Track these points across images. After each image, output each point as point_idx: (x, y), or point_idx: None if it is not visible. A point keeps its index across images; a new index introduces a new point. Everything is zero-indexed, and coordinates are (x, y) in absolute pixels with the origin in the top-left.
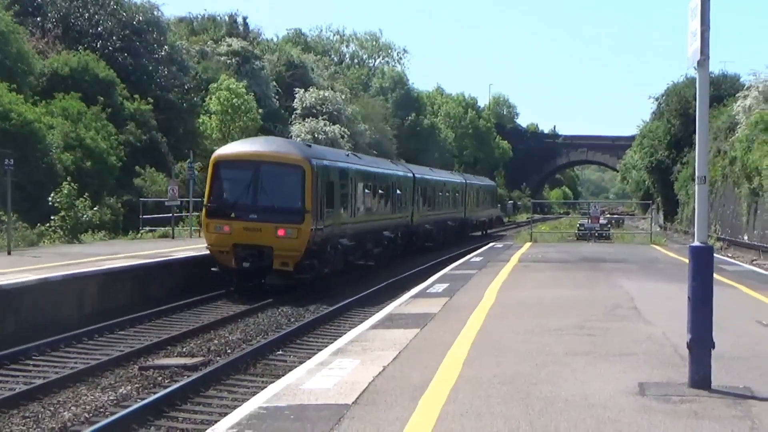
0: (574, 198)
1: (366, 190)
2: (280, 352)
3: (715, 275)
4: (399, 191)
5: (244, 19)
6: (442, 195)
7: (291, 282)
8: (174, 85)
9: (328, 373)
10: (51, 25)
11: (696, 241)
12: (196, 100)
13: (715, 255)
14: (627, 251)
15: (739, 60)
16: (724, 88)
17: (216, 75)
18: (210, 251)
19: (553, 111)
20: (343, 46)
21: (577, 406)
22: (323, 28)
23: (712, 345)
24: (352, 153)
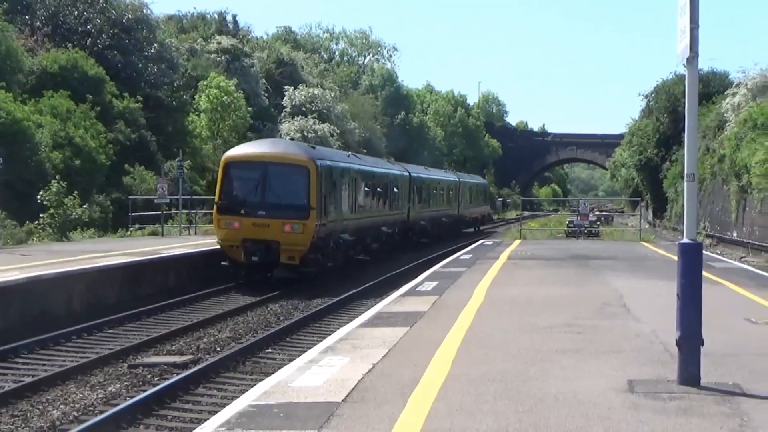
0: (563, 195)
1: (366, 189)
2: (270, 350)
3: (704, 272)
4: (396, 189)
5: (234, 16)
6: (436, 193)
7: (296, 275)
8: (163, 83)
9: (318, 370)
10: (40, 22)
11: (685, 238)
12: (185, 98)
13: (704, 252)
14: (616, 248)
15: (728, 57)
16: (713, 86)
17: (205, 73)
18: (220, 246)
19: (542, 109)
20: (332, 44)
21: (566, 403)
22: (313, 25)
23: (702, 342)
24: (353, 153)
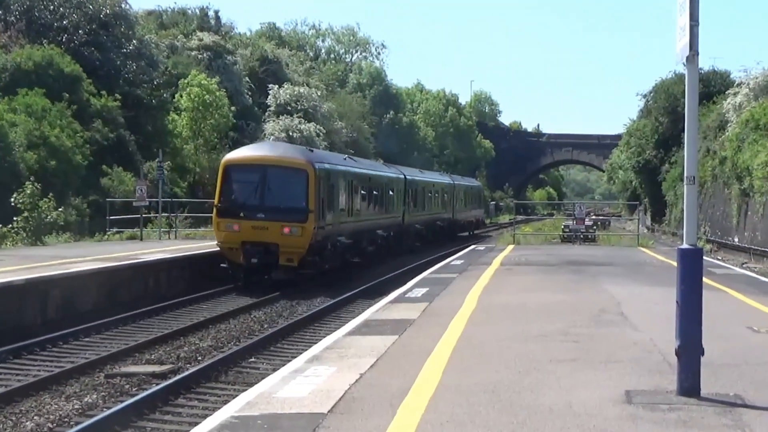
0: (558, 199)
1: (362, 191)
2: (253, 359)
3: (704, 279)
4: (391, 192)
5: (216, 12)
6: (431, 196)
7: (294, 277)
8: (143, 80)
9: (303, 380)
10: (14, 18)
11: (685, 244)
12: (165, 96)
13: (704, 258)
14: (613, 254)
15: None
16: (713, 85)
17: (186, 70)
18: (220, 248)
19: (537, 109)
20: (318, 41)
21: (561, 415)
22: (298, 22)
23: (702, 351)
24: (349, 156)
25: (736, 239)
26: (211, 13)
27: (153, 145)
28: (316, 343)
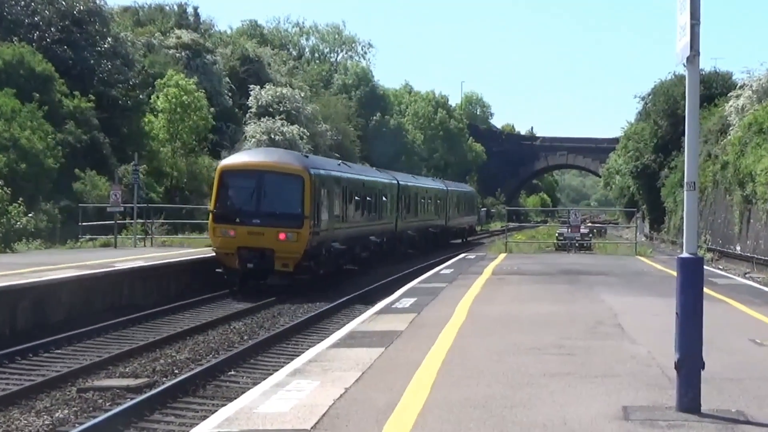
0: (552, 205)
1: (356, 197)
2: (233, 373)
3: (705, 289)
4: (385, 198)
5: (195, 9)
6: (424, 202)
7: (290, 282)
8: (118, 80)
9: (285, 395)
10: None
11: (684, 252)
12: (141, 97)
13: (705, 267)
14: (610, 263)
15: (732, 57)
16: (715, 87)
17: (164, 70)
18: (216, 254)
19: (530, 111)
20: (302, 39)
21: None
22: (281, 19)
23: (702, 365)
24: (343, 162)
25: (739, 248)
26: (189, 9)
27: (128, 148)
28: (298, 355)
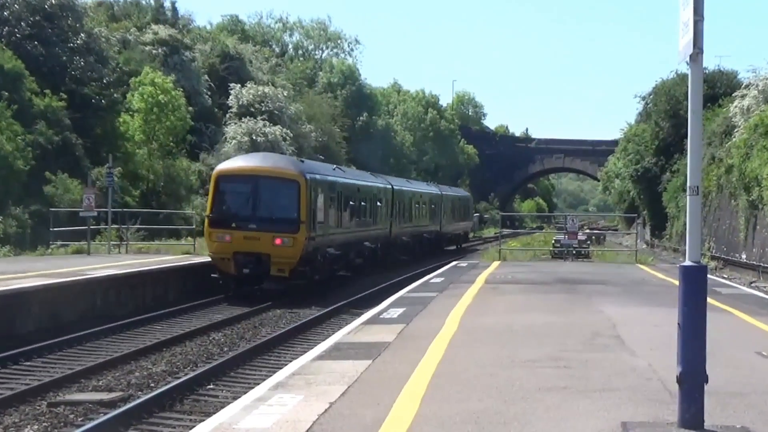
0: (548, 210)
1: (351, 203)
2: (212, 386)
3: (708, 299)
4: (379, 203)
5: (173, 3)
6: (418, 207)
7: (285, 287)
8: (91, 78)
9: (267, 410)
10: None
11: (687, 260)
12: (116, 96)
13: (709, 276)
14: (609, 271)
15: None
16: (719, 87)
17: (140, 67)
18: (211, 259)
19: (525, 112)
20: (285, 36)
21: None
22: (263, 14)
23: (705, 379)
24: (338, 167)
25: (744, 256)
26: (167, 4)
27: (102, 150)
28: (281, 368)
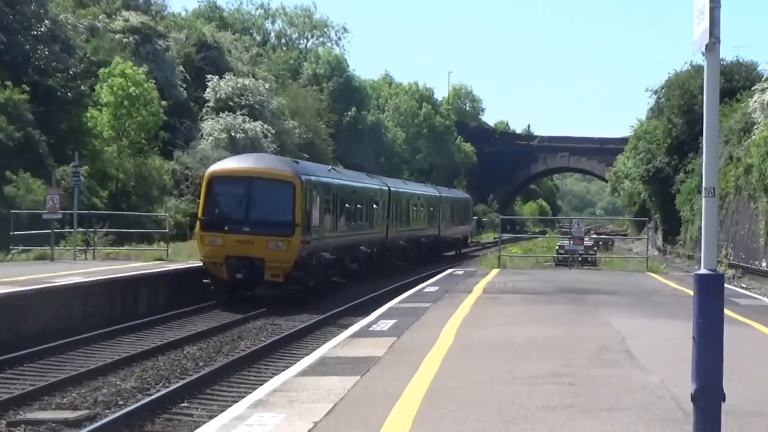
0: (552, 214)
1: (346, 205)
2: (186, 404)
3: (726, 310)
4: (375, 205)
5: None
6: (416, 210)
7: (280, 293)
8: (56, 69)
9: (245, 430)
10: None
11: (702, 268)
12: (83, 88)
13: (726, 285)
14: (617, 280)
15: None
16: (737, 80)
17: (109, 57)
18: (203, 263)
19: (527, 107)
20: (267, 23)
21: None
22: (243, 0)
23: (723, 397)
24: (333, 168)
25: (764, 263)
26: None
27: (68, 147)
28: (261, 384)
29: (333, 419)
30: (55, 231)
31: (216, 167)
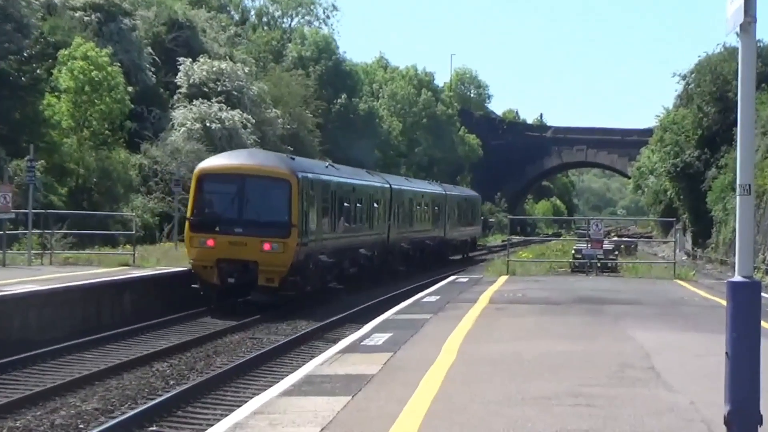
0: (568, 214)
1: (345, 204)
2: (154, 428)
3: (763, 322)
4: (376, 205)
5: None
6: (420, 209)
7: (275, 299)
8: (8, 51)
9: None
10: None
11: (737, 275)
12: (39, 72)
13: (763, 294)
14: (641, 288)
15: None
16: None
17: (68, 38)
18: (192, 267)
19: (539, 94)
20: (247, 0)
21: None
22: None
23: (759, 420)
24: (330, 164)
25: None
26: None
27: (21, 139)
28: (240, 405)
29: None
30: (7, 232)
31: (206, 164)
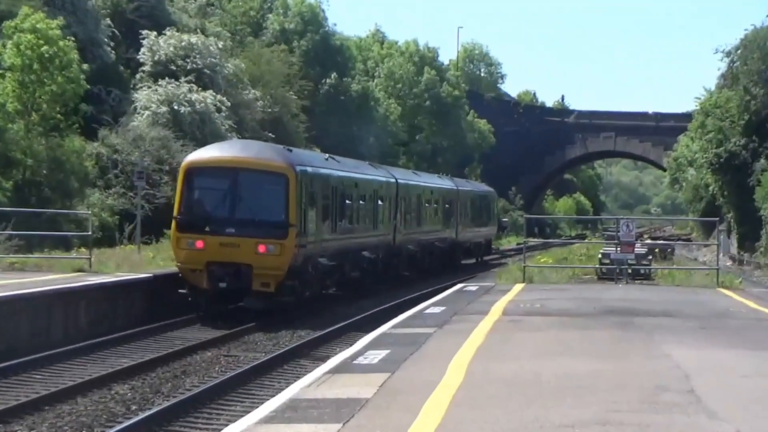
0: (594, 212)
1: (347, 201)
2: None
3: None
4: (381, 202)
5: None
6: (429, 207)
7: (271, 306)
8: None
9: None
10: None
11: None
12: None
13: None
14: (679, 299)
15: None
16: None
17: (14, 7)
18: (179, 270)
19: (560, 74)
20: None
21: None
22: None
23: None
24: (330, 156)
25: None
26: None
27: None
28: None
29: None
30: None
31: (194, 156)
